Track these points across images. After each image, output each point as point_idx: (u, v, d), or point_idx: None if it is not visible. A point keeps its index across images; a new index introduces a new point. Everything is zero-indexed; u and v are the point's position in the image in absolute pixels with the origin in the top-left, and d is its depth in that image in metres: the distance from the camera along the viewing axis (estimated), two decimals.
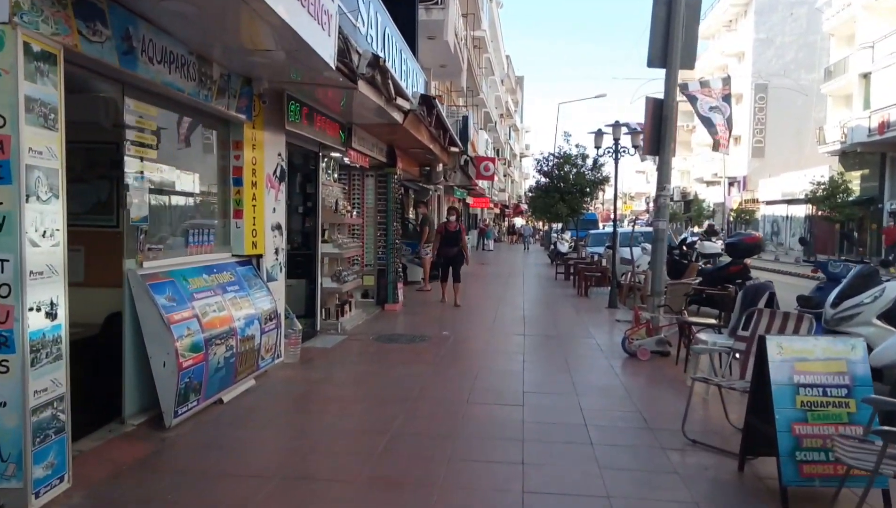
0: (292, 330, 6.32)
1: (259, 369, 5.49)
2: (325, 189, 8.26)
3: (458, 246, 10.81)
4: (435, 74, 18.85)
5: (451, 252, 10.79)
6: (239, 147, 5.55)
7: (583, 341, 7.94)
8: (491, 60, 37.38)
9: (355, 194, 10.56)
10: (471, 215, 39.23)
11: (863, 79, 27.74)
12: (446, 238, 10.82)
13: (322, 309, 8.13)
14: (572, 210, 18.52)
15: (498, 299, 12.52)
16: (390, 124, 7.92)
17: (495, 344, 7.70)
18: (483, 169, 17.32)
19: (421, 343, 7.53)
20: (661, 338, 6.93)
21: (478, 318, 9.65)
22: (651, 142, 7.25)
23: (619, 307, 11.34)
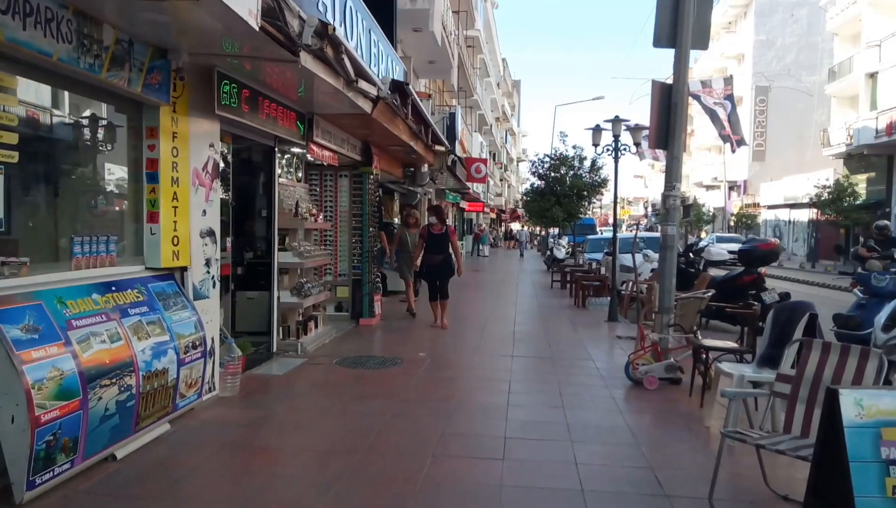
0: (230, 357, 5.26)
1: (177, 409, 4.42)
2: (285, 189, 7.21)
3: (444, 253, 8.95)
4: (423, 71, 17.86)
5: (435, 260, 8.96)
6: (154, 135, 4.50)
7: (579, 364, 6.88)
8: (486, 62, 36.42)
9: (328, 196, 9.52)
10: (465, 220, 38.19)
11: (869, 78, 26.82)
12: (430, 243, 8.97)
13: (279, 327, 7.07)
14: (569, 214, 17.49)
15: (487, 312, 11.45)
16: (358, 115, 6.88)
17: (479, 368, 6.64)
18: (474, 170, 16.32)
19: (392, 367, 6.47)
20: (672, 364, 5.88)
21: (462, 336, 8.59)
22: (658, 134, 6.22)
23: (619, 320, 10.30)
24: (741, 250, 9.50)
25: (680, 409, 5.24)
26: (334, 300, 9.63)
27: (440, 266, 8.91)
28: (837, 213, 26.21)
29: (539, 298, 13.75)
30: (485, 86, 38.60)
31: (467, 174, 16.33)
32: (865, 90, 27.07)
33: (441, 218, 8.98)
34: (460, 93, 24.84)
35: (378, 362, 6.72)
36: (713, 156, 49.87)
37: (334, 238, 9.58)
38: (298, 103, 6.58)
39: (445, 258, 8.92)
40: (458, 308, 11.84)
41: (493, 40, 42.37)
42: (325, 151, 7.58)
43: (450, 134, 12.54)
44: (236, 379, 5.31)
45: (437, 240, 8.91)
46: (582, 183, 17.34)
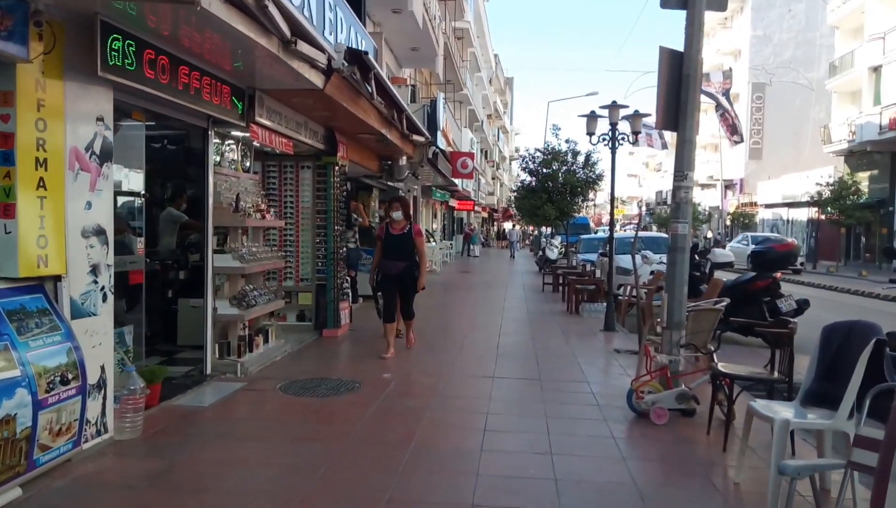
0: (128, 390, 4.14)
1: (35, 467, 3.31)
2: (223, 180, 6.10)
3: (407, 258, 6.93)
4: (407, 60, 16.76)
5: (395, 268, 6.91)
6: (8, 101, 3.39)
7: (572, 388, 5.80)
8: (476, 56, 35.37)
9: (288, 191, 8.41)
10: (455, 219, 37.11)
11: (872, 72, 25.91)
12: (389, 246, 6.93)
13: (217, 343, 5.96)
14: (561, 212, 16.42)
15: (471, 319, 10.37)
16: (310, 92, 5.78)
17: (452, 395, 5.54)
18: (460, 165, 15.26)
19: (347, 394, 5.37)
20: (684, 392, 4.81)
21: (439, 350, 7.50)
22: (666, 112, 5.14)
23: (616, 330, 9.24)
24: (754, 252, 8.46)
25: (698, 454, 4.17)
26: (295, 308, 8.53)
27: (402, 275, 6.91)
28: (840, 212, 25.30)
29: (529, 303, 12.68)
30: (476, 81, 37.56)
31: (453, 169, 15.27)
32: (868, 84, 26.15)
33: (405, 212, 7.06)
34: (448, 86, 23.73)
35: (332, 386, 5.61)
36: (709, 154, 48.96)
37: (295, 238, 8.47)
38: (236, 76, 5.47)
39: (409, 265, 6.94)
40: (437, 315, 10.75)
41: (485, 35, 41.31)
42: (274, 136, 6.47)
43: (431, 123, 11.48)
44: (138, 416, 4.19)
45: (398, 241, 6.92)
46: (575, 179, 16.27)
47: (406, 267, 6.94)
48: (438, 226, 29.23)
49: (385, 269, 7.00)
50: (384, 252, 6.99)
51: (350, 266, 9.61)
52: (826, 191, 26.13)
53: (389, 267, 6.95)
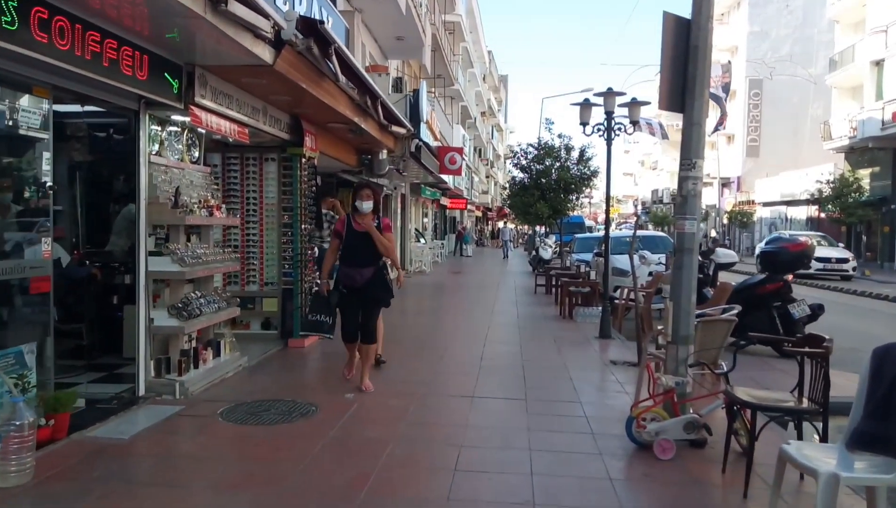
0: (14, 426, 3.36)
1: None
2: (162, 172, 5.31)
3: (372, 263, 5.36)
4: (392, 50, 15.98)
5: (360, 278, 5.32)
6: None
7: (562, 410, 5.03)
8: (469, 51, 34.62)
9: (251, 186, 7.63)
10: (448, 218, 36.33)
11: (874, 66, 25.24)
12: (349, 246, 5.38)
13: (153, 360, 5.17)
14: (554, 210, 15.66)
15: (455, 325, 9.60)
16: (260, 69, 5.00)
17: (423, 419, 4.77)
18: (448, 161, 14.48)
19: (299, 420, 4.59)
20: (694, 419, 4.05)
21: (415, 362, 6.73)
22: (671, 90, 4.39)
23: (612, 337, 8.49)
24: (764, 252, 7.71)
25: (714, 502, 3.41)
26: (260, 315, 7.75)
27: (369, 287, 5.33)
28: (841, 210, 24.64)
29: (520, 306, 11.92)
30: (468, 77, 36.81)
31: (440, 165, 14.50)
32: (870, 79, 25.49)
33: (376, 202, 5.48)
34: (439, 81, 22.97)
35: (284, 410, 4.83)
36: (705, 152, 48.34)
37: (259, 238, 7.69)
38: (169, 49, 4.69)
39: (378, 273, 5.37)
40: (420, 320, 9.98)
41: (478, 30, 40.56)
42: (223, 122, 5.68)
43: (413, 115, 10.70)
44: (27, 456, 3.41)
45: (364, 241, 5.28)
46: (569, 175, 15.51)
47: (374, 275, 5.32)
48: (429, 225, 28.46)
49: (347, 279, 5.35)
50: (345, 255, 5.35)
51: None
52: (826, 188, 25.46)
53: (353, 277, 5.31)
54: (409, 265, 19.43)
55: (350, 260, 5.38)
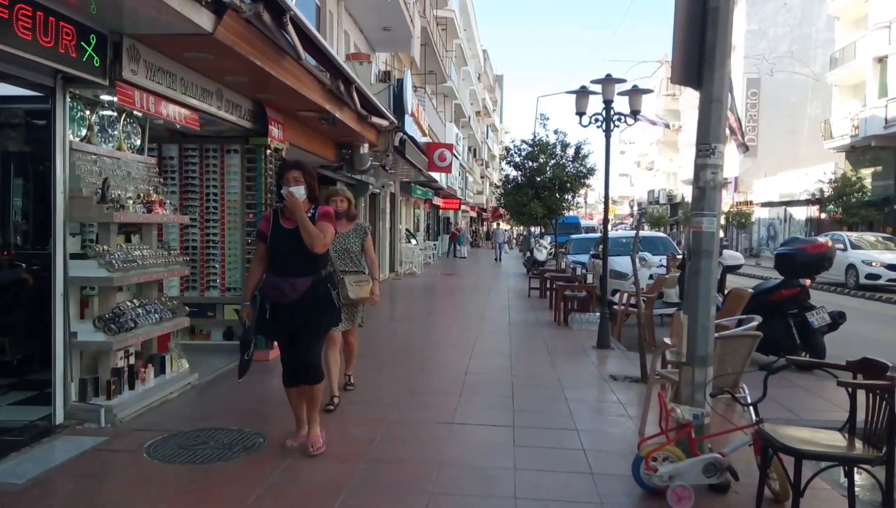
0: None
1: None
2: (88, 161, 4.54)
3: (310, 272, 3.83)
4: (379, 42, 15.23)
5: (289, 292, 3.80)
6: None
7: (555, 441, 4.28)
8: (463, 49, 33.93)
9: (210, 180, 6.87)
10: (441, 218, 35.58)
11: (878, 63, 24.60)
12: (277, 248, 3.86)
13: (76, 381, 4.41)
14: (549, 210, 14.93)
15: (441, 333, 8.85)
16: (195, 37, 4.24)
17: (389, 455, 4.01)
18: (438, 158, 13.73)
19: (239, 456, 3.83)
20: (715, 460, 3.30)
21: (390, 379, 5.97)
22: (686, 59, 3.65)
23: (612, 346, 7.75)
24: (780, 254, 6.97)
25: None
26: (221, 324, 6.99)
27: (302, 301, 3.80)
28: (842, 211, 23.98)
29: (512, 311, 11.18)
30: (462, 75, 36.14)
31: (429, 162, 13.77)
32: (873, 76, 24.85)
33: (311, 187, 3.91)
34: (430, 77, 22.23)
35: (225, 443, 4.07)
36: None
37: (220, 238, 6.93)
38: (91, 16, 3.92)
39: (315, 283, 3.83)
40: (402, 327, 9.21)
41: (472, 27, 39.89)
42: (164, 104, 4.92)
43: (397, 106, 9.97)
44: None
45: (290, 241, 3.79)
46: (564, 173, 14.79)
47: (312, 287, 3.79)
48: (422, 226, 27.72)
49: (274, 293, 3.80)
50: (271, 260, 3.85)
51: None
52: (828, 188, 24.82)
53: (281, 290, 3.76)
54: (399, 267, 18.69)
55: (278, 266, 3.82)
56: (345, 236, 4.99)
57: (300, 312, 3.81)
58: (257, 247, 4.02)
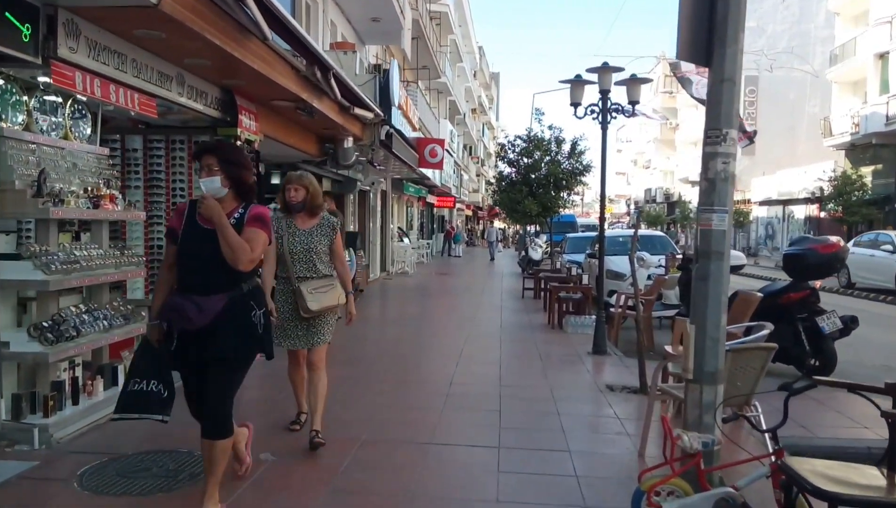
0: None
1: None
2: (25, 150, 4.06)
3: (224, 288, 2.86)
4: (368, 34, 14.74)
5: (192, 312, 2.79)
6: None
7: (545, 465, 3.82)
8: (458, 44, 33.46)
9: (177, 174, 6.38)
10: (435, 217, 35.10)
11: (879, 59, 24.21)
12: (184, 254, 2.90)
13: (2, 398, 3.92)
14: (544, 208, 14.46)
15: (428, 338, 8.37)
16: (139, 10, 3.75)
17: (354, 485, 3.54)
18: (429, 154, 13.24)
19: (182, 487, 3.36)
20: (727, 495, 2.83)
21: (367, 390, 5.50)
22: (693, 33, 3.19)
23: (608, 352, 7.30)
24: (788, 254, 6.52)
25: None
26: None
27: (213, 329, 2.83)
28: (843, 209, 23.60)
29: (505, 313, 10.72)
30: (458, 72, 35.64)
31: (419, 158, 13.29)
32: (874, 72, 24.46)
33: (234, 178, 2.93)
34: (423, 72, 21.73)
35: (170, 469, 3.59)
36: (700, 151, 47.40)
37: None
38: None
39: (232, 304, 2.87)
40: (388, 331, 8.73)
41: (467, 23, 39.40)
42: (112, 87, 4.42)
43: (384, 98, 9.49)
44: None
45: (202, 245, 2.84)
46: (560, 170, 14.32)
47: (225, 310, 2.84)
48: (415, 225, 27.24)
49: (176, 317, 2.83)
50: (179, 270, 2.92)
51: None
52: (828, 186, 24.43)
53: (183, 311, 2.80)
54: (390, 266, 18.22)
55: (184, 278, 2.88)
56: (306, 234, 4.01)
57: (210, 344, 2.81)
58: (165, 250, 3.02)
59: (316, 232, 4.04)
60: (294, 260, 3.98)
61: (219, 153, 2.92)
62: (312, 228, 4.05)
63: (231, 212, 2.91)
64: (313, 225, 4.06)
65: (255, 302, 2.97)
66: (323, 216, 4.12)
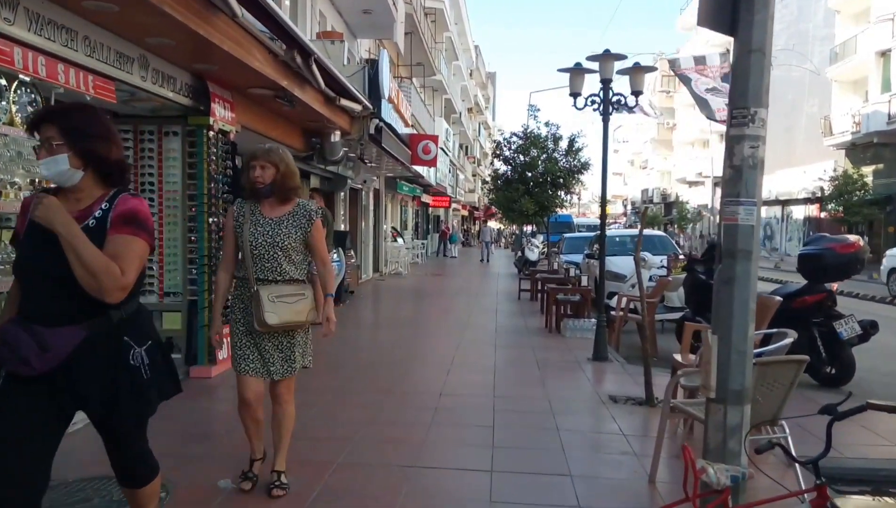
0: None
1: None
2: None
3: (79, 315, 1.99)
4: (360, 28, 14.29)
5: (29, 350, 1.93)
6: None
7: (543, 492, 3.37)
8: (454, 42, 33.02)
9: (146, 166, 5.91)
10: (431, 216, 34.65)
11: (880, 57, 23.88)
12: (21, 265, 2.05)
13: None
14: (541, 207, 14.03)
15: (418, 343, 7.91)
16: None
17: None
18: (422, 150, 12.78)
19: None
20: None
21: (348, 404, 5.05)
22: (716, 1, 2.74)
23: (609, 358, 6.86)
24: (804, 254, 6.08)
25: None
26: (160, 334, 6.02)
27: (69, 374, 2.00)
28: (844, 209, 23.25)
29: (500, 316, 10.27)
30: (454, 70, 35.23)
31: (412, 154, 12.84)
32: (876, 70, 24.11)
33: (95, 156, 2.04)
34: (418, 68, 21.29)
35: (115, 499, 3.13)
36: (697, 151, 47.19)
37: (158, 234, 5.96)
38: None
39: (92, 340, 2.00)
40: (376, 336, 8.26)
41: (464, 21, 39.01)
42: (59, 66, 3.95)
43: (372, 89, 9.02)
44: None
45: (44, 254, 1.98)
46: (557, 168, 13.89)
47: (85, 346, 2.00)
48: (410, 225, 26.78)
49: (10, 357, 1.96)
50: (21, 289, 2.08)
51: None
52: (828, 186, 24.08)
53: (17, 348, 1.94)
54: (383, 267, 17.75)
55: (26, 303, 2.05)
56: (273, 224, 3.12)
57: (69, 398, 2.02)
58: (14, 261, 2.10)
59: (286, 222, 3.12)
60: (254, 257, 3.09)
61: (60, 121, 1.99)
62: (282, 217, 3.13)
63: (90, 209, 2.02)
64: (284, 213, 3.15)
65: (134, 335, 2.06)
66: (298, 203, 3.21)
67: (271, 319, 3.00)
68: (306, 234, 3.15)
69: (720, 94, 20.44)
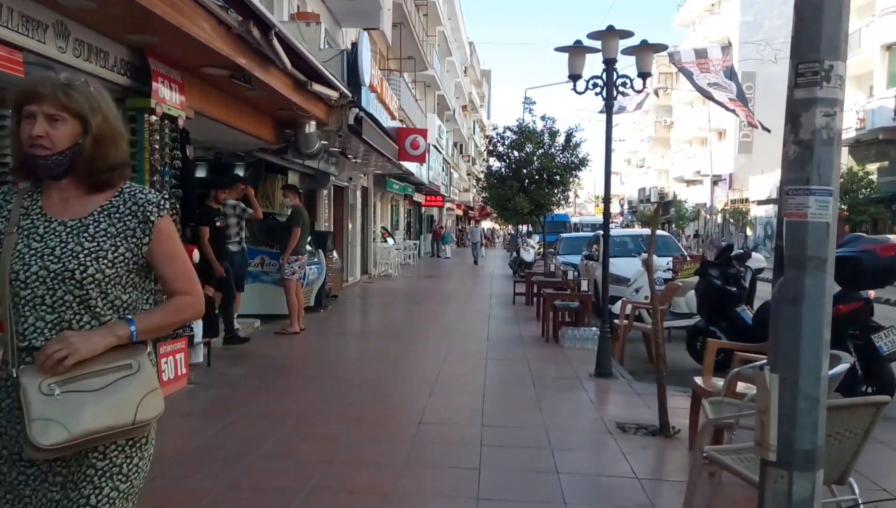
0: None
1: None
2: None
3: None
4: (345, 16, 13.51)
5: None
6: None
7: None
8: (447, 37, 32.29)
9: None
10: (423, 216, 33.86)
11: (886, 51, 23.22)
12: None
13: None
14: (536, 205, 13.29)
15: (400, 356, 7.11)
16: None
17: None
18: (410, 145, 12.03)
19: None
20: None
21: (306, 437, 4.28)
22: None
23: (614, 374, 6.09)
24: (838, 257, 5.28)
25: None
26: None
27: None
28: (849, 207, 22.60)
29: (493, 323, 9.50)
30: (447, 66, 34.47)
31: (400, 149, 12.08)
32: (881, 65, 23.44)
33: None
34: (408, 63, 20.49)
35: None
36: (696, 149, 46.57)
37: None
38: None
39: None
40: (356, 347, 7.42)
41: (457, 17, 38.26)
42: None
43: (351, 75, 8.23)
44: None
45: None
46: (553, 164, 13.16)
47: None
48: (401, 224, 25.99)
49: None
50: None
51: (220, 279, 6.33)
52: None
53: None
54: (372, 268, 16.97)
55: None
56: (68, 233, 1.52)
57: None
58: None
59: (94, 226, 1.54)
60: (20, 303, 1.49)
61: None
62: (87, 219, 1.54)
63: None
64: (92, 209, 1.56)
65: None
66: (122, 190, 1.59)
67: (49, 436, 1.39)
68: (138, 249, 1.56)
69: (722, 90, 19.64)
